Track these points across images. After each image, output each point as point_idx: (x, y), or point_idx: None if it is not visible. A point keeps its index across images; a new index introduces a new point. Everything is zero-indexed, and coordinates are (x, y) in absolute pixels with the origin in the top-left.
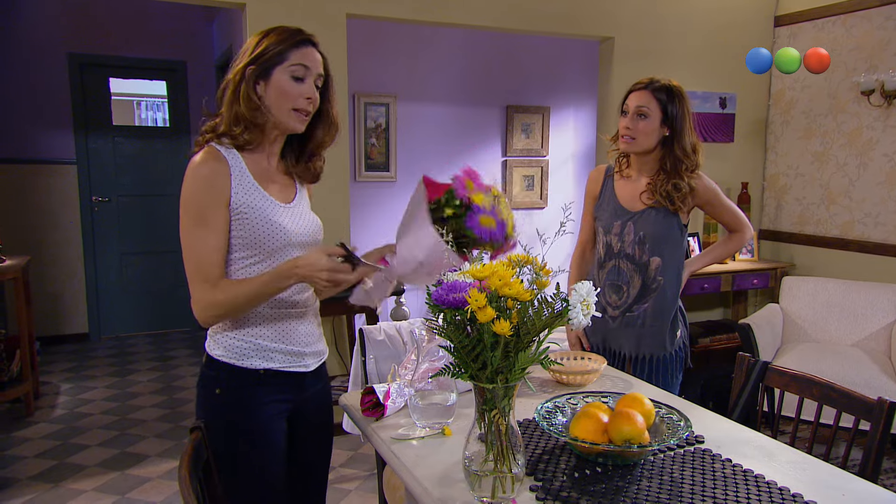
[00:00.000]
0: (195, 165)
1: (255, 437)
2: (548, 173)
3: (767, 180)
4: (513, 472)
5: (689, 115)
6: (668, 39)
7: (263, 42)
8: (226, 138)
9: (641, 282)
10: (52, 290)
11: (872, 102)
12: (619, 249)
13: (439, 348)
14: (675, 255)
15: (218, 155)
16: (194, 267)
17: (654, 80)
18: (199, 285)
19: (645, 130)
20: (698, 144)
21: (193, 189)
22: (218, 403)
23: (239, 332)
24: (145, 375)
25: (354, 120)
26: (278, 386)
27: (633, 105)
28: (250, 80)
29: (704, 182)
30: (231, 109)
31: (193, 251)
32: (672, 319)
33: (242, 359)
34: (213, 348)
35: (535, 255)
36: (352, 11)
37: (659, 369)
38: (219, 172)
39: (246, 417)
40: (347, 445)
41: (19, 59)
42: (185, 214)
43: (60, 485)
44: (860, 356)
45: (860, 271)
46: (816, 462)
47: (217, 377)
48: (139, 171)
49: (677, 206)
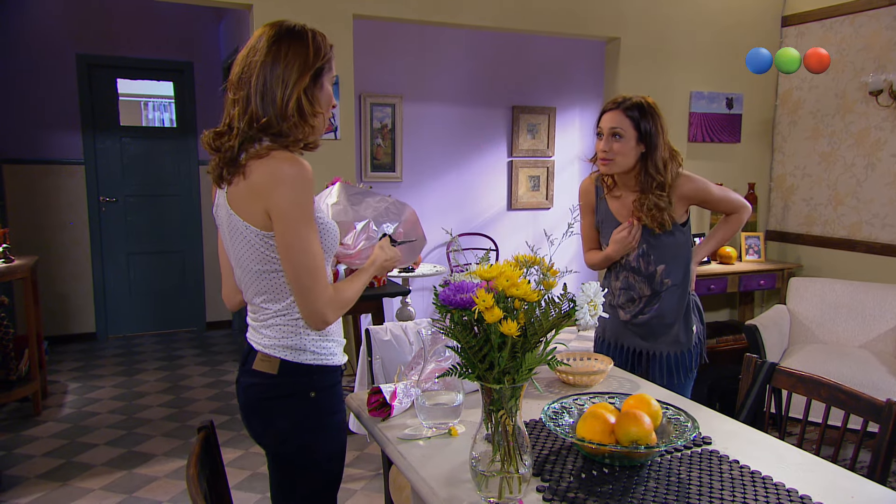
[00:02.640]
0: (302, 172)
1: (342, 430)
2: (553, 174)
3: (774, 181)
4: (520, 472)
5: (662, 130)
6: (674, 40)
7: (314, 50)
8: (298, 144)
9: (651, 289)
10: (59, 290)
11: (881, 103)
12: (626, 263)
13: (446, 348)
14: (680, 256)
15: (305, 163)
16: (316, 270)
17: (625, 99)
18: (325, 289)
19: (621, 151)
20: (672, 158)
21: (305, 196)
22: (313, 407)
23: (323, 333)
24: (152, 375)
25: (360, 120)
26: (339, 376)
27: (606, 127)
28: (311, 86)
29: (695, 184)
30: (297, 116)
31: (313, 255)
32: (685, 314)
33: (331, 357)
34: (296, 355)
35: (542, 256)
36: (358, 12)
37: (675, 366)
38: (313, 181)
39: (338, 410)
40: (354, 445)
41: (28, 61)
42: (300, 220)
43: (68, 483)
44: (868, 357)
45: (868, 272)
46: (825, 464)
47: (309, 382)
48: (146, 171)
49: (664, 224)
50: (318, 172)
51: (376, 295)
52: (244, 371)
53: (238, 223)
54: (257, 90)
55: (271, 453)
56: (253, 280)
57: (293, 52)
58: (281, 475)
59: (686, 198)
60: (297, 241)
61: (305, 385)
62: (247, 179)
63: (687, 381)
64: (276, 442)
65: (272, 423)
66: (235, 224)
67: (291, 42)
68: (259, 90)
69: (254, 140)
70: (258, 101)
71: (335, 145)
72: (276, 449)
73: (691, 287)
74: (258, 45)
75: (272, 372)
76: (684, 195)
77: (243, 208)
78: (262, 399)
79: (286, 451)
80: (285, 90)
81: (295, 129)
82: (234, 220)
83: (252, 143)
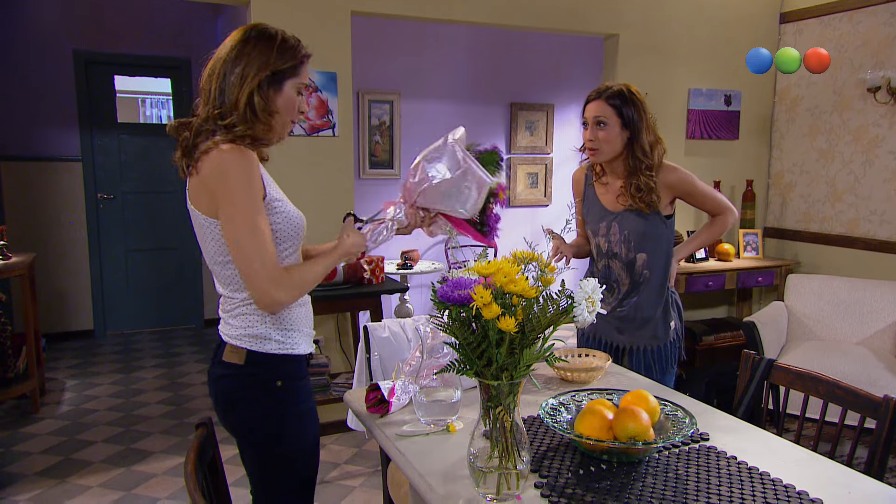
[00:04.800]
0: (237, 157)
1: (312, 420)
2: (552, 171)
3: (772, 178)
4: (517, 468)
5: (645, 116)
6: (672, 36)
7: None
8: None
9: (630, 279)
10: (57, 287)
11: (878, 99)
12: (608, 249)
13: (444, 345)
14: (661, 248)
15: (250, 151)
16: (264, 252)
17: (607, 88)
18: (272, 270)
19: (607, 139)
20: (657, 142)
21: (251, 179)
22: (278, 396)
23: (284, 322)
24: (150, 372)
25: (358, 117)
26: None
27: (591, 116)
28: (266, 88)
29: (679, 174)
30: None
31: (259, 237)
32: (664, 310)
33: (295, 346)
34: (260, 344)
35: (540, 253)
36: (356, 8)
37: (653, 361)
38: (257, 166)
39: (305, 400)
40: (352, 442)
41: (24, 57)
42: (250, 202)
43: (66, 480)
44: (865, 354)
45: (866, 269)
46: (822, 460)
47: (274, 371)
48: (144, 168)
49: (652, 204)
50: (316, 169)
51: (374, 292)
52: (215, 362)
53: (198, 215)
54: (218, 84)
55: (242, 445)
56: (219, 270)
57: (257, 50)
58: (253, 468)
59: (670, 187)
60: (236, 220)
61: (271, 374)
62: (199, 174)
63: (665, 377)
64: (245, 431)
65: (240, 413)
66: (196, 216)
67: (259, 42)
68: (219, 83)
69: (209, 133)
70: (217, 94)
71: (333, 142)
72: (246, 438)
73: (671, 283)
74: (230, 42)
75: (239, 363)
76: (668, 184)
77: (198, 200)
78: (230, 389)
79: (255, 441)
80: (241, 84)
81: (245, 124)
82: (194, 212)
83: (207, 136)
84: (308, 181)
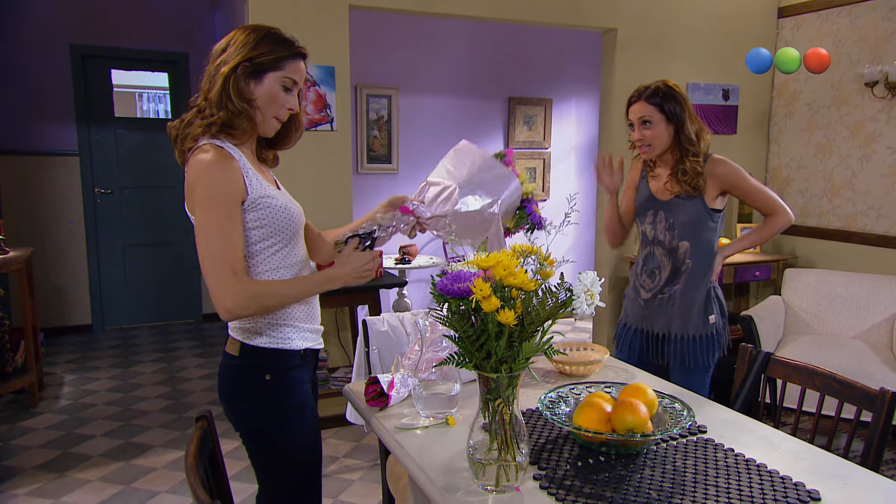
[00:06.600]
0: (212, 163)
1: (304, 414)
2: (550, 165)
3: (770, 172)
4: (516, 460)
5: (686, 106)
6: (671, 31)
7: (262, 43)
8: (224, 133)
9: (672, 265)
10: (55, 282)
11: (876, 94)
12: (653, 236)
13: (443, 338)
14: (704, 239)
15: (228, 154)
16: (225, 260)
17: (646, 88)
18: (230, 277)
19: (655, 136)
20: (702, 130)
21: (218, 185)
22: (269, 389)
23: (276, 317)
24: (149, 367)
25: (356, 112)
26: (308, 364)
27: (635, 118)
28: (242, 76)
29: (727, 166)
30: (224, 103)
31: (222, 245)
32: (704, 302)
33: (287, 342)
34: (251, 338)
35: (539, 246)
36: (354, 3)
37: (690, 350)
38: (235, 171)
39: (296, 396)
40: (351, 435)
41: (21, 51)
42: (212, 209)
43: (65, 475)
44: (862, 348)
45: (862, 263)
46: (819, 452)
47: (264, 364)
48: (141, 163)
49: (699, 188)
50: (314, 163)
51: (373, 286)
52: (223, 353)
53: (190, 215)
54: (207, 75)
55: (243, 437)
56: None
57: (241, 41)
58: (254, 460)
59: (718, 178)
60: (204, 227)
61: (261, 367)
62: (186, 175)
63: (699, 371)
64: (238, 422)
65: (233, 404)
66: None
67: (245, 33)
68: (207, 74)
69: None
70: (205, 85)
71: (331, 137)
72: (240, 429)
73: (713, 278)
74: (225, 38)
75: (235, 354)
76: (716, 175)
77: (187, 199)
78: (227, 379)
79: (247, 433)
80: (218, 69)
81: (222, 111)
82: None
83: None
84: (306, 175)
